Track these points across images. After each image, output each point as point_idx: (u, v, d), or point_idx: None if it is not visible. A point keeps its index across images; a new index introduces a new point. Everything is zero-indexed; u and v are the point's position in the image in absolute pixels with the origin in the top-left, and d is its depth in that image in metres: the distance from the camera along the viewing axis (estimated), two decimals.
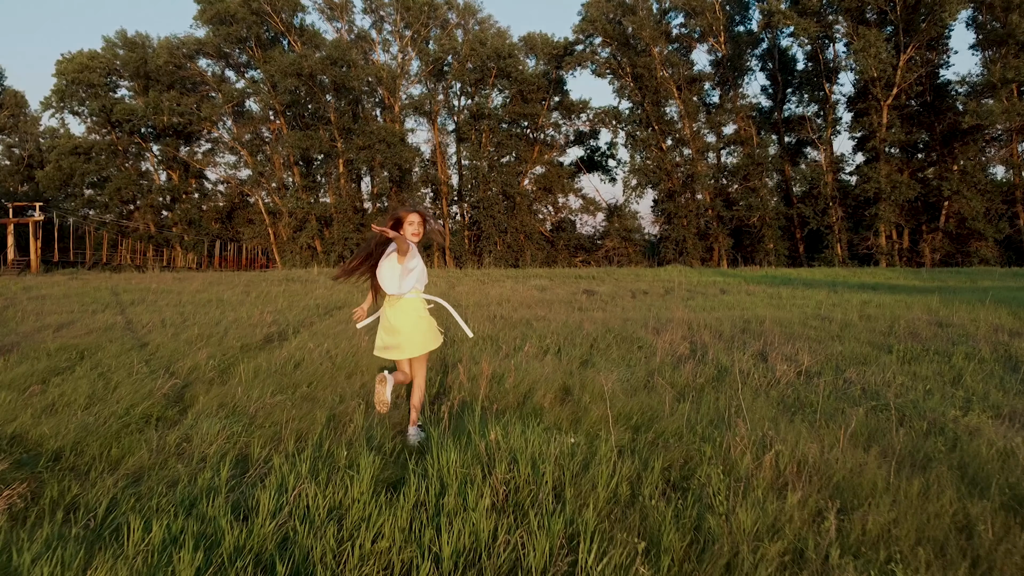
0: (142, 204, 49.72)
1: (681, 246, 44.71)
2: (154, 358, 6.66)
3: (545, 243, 49.26)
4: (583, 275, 21.95)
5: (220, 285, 17.37)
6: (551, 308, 11.92)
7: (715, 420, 4.40)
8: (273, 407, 4.72)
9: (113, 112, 46.79)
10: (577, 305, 12.49)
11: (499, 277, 21.51)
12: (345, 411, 4.72)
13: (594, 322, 9.45)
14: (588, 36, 45.55)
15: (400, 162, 44.20)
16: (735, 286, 17.18)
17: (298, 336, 8.39)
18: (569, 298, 14.27)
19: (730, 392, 5.13)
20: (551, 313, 10.85)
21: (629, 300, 13.86)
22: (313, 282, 19.49)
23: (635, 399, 4.92)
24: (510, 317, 10.03)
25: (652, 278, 21.06)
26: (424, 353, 4.33)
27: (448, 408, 4.59)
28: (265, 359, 6.53)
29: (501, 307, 12.04)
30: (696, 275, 22.16)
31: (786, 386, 5.40)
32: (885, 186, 39.73)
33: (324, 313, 11.46)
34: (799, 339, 7.77)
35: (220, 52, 47.07)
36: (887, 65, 38.26)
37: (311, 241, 46.48)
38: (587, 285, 18.44)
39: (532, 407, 4.82)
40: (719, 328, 8.67)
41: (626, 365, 6.40)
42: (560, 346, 7.44)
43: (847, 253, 42.52)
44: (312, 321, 10.15)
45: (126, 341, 7.83)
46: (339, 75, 43.24)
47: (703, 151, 46.57)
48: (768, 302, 12.40)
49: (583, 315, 10.54)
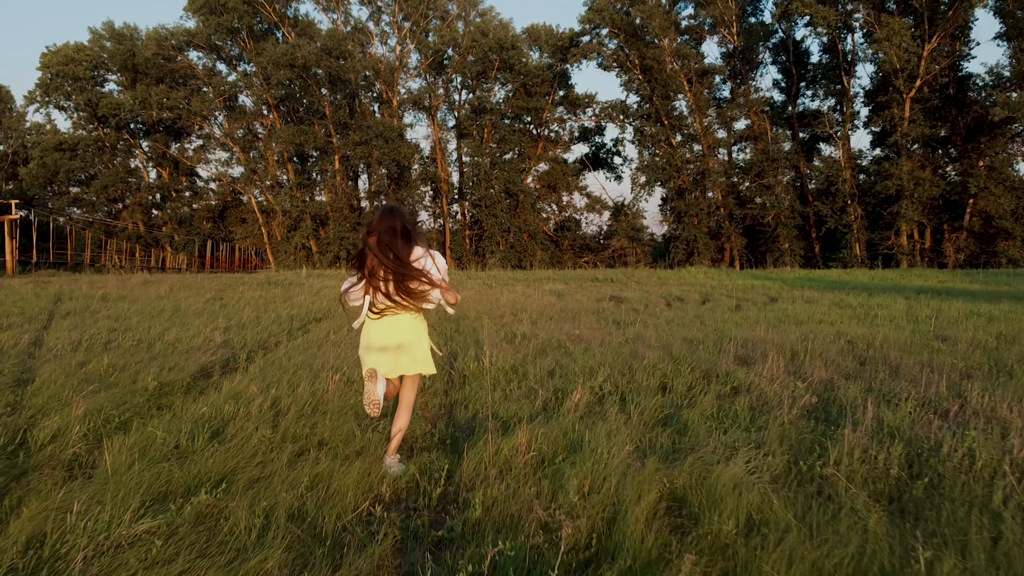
0: (130, 203, 47.28)
1: (692, 246, 42.34)
2: (10, 413, 4.30)
3: (549, 243, 46.91)
4: (600, 277, 19.59)
5: (188, 290, 14.99)
6: (579, 321, 9.56)
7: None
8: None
9: (99, 106, 44.34)
10: (610, 316, 10.13)
11: (507, 280, 19.13)
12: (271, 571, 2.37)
13: (647, 344, 7.10)
14: (595, 27, 43.17)
15: (398, 158, 41.82)
16: (781, 291, 14.82)
17: (249, 367, 6.03)
18: (595, 307, 11.91)
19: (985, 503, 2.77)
20: (583, 328, 8.49)
21: (666, 309, 11.51)
22: (298, 286, 17.11)
23: (817, 537, 2.56)
24: (535, 336, 7.67)
25: (677, 281, 18.70)
26: (420, 373, 3.76)
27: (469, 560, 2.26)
28: (171, 420, 4.16)
29: (519, 320, 9.68)
30: (724, 278, 19.80)
31: None
32: (908, 183, 37.39)
33: (298, 328, 9.10)
34: (950, 373, 5.42)
35: (211, 44, 44.64)
36: (912, 55, 35.91)
37: (306, 241, 44.09)
38: (609, 289, 16.07)
39: (627, 547, 2.46)
40: (824, 354, 6.31)
41: (740, 428, 4.05)
42: (621, 389, 5.08)
43: (865, 253, 40.18)
44: (277, 342, 7.79)
45: (4, 376, 5.48)
46: (334, 67, 40.84)
47: (714, 147, 44.21)
48: (845, 314, 10.05)
49: (624, 333, 8.19)
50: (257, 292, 14.64)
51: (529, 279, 19.40)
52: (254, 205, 45.81)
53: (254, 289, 15.67)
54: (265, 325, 9.06)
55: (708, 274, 20.31)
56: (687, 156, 43.75)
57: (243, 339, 7.70)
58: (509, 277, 20.35)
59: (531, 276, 21.07)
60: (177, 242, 47.01)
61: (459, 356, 6.60)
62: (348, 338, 8.15)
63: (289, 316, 10.10)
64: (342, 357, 6.46)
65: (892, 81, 37.92)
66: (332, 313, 10.88)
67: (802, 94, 44.97)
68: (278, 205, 43.94)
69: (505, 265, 42.06)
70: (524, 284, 17.49)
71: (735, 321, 9.22)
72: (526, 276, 20.84)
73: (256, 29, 45.08)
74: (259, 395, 4.72)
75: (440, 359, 6.61)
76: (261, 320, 9.55)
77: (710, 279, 19.27)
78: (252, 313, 10.31)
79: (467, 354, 6.54)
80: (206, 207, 49.69)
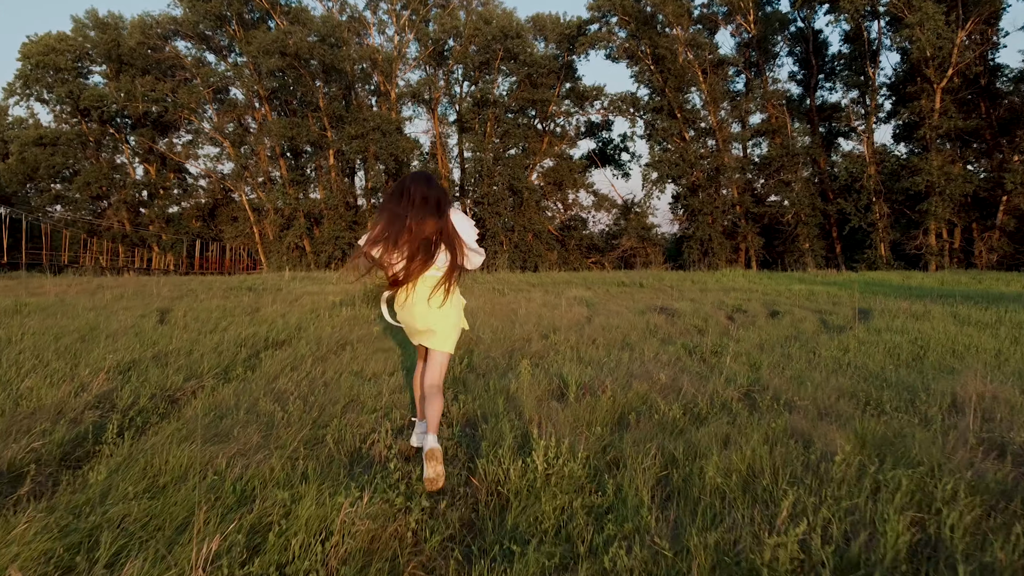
0: (115, 200, 44.37)
1: (707, 246, 39.55)
2: None
3: (555, 242, 44.09)
4: (627, 281, 16.74)
5: (136, 298, 12.18)
6: (640, 350, 6.76)
7: None
8: None
9: (81, 99, 41.46)
10: (676, 339, 7.31)
11: (520, 285, 16.31)
12: None
13: (787, 404, 4.30)
14: (604, 15, 40.36)
15: (397, 153, 38.97)
16: (857, 301, 12.01)
17: (86, 469, 3.23)
18: (643, 323, 9.11)
19: None
20: (658, 366, 5.68)
21: (737, 328, 8.73)
22: (274, 292, 14.28)
23: None
24: (597, 384, 4.85)
25: (718, 286, 15.87)
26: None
27: None
28: None
29: (555, 347, 6.86)
30: (768, 282, 16.97)
31: None
32: (938, 179, 34.62)
33: (244, 360, 6.29)
34: None
35: (199, 33, 41.79)
36: (946, 42, 33.14)
37: (299, 240, 41.26)
38: (645, 297, 13.26)
39: None
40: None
41: None
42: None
43: (891, 254, 37.42)
44: (196, 389, 4.97)
45: None
46: (328, 55, 37.98)
47: (728, 142, 41.43)
48: (999, 335, 7.24)
49: (722, 372, 5.39)
50: (219, 301, 11.81)
51: (545, 283, 16.56)
52: (245, 203, 42.95)
53: (218, 296, 12.84)
54: (197, 357, 6.24)
55: (748, 278, 17.52)
56: (701, 151, 40.97)
57: (142, 386, 4.88)
58: (522, 281, 17.50)
59: (546, 280, 18.23)
60: (164, 242, 44.17)
61: (483, 433, 3.81)
62: (310, 379, 5.38)
63: (239, 340, 7.28)
64: (282, 444, 3.66)
65: (922, 70, 35.15)
66: (302, 332, 8.08)
67: (820, 86, 42.22)
68: (270, 202, 41.11)
69: (512, 267, 39.25)
70: (542, 290, 14.67)
71: (867, 353, 6.42)
72: (540, 280, 17.99)
73: (248, 18, 42.27)
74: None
75: (454, 440, 3.85)
76: (196, 347, 6.73)
77: (752, 283, 16.45)
78: (190, 335, 7.48)
79: (496, 431, 3.73)
80: (195, 205, 46.85)
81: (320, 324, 8.94)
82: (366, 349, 6.88)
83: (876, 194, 37.07)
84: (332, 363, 6.10)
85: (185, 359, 6.08)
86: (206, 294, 13.56)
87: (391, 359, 6.23)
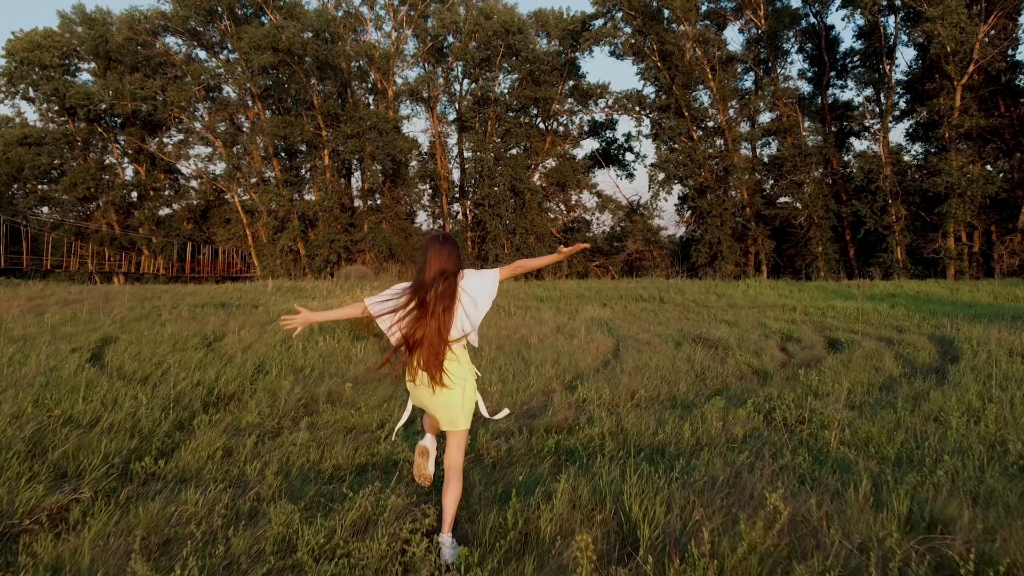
0: (104, 202, 42.52)
1: (715, 249, 37.78)
2: None
3: (558, 245, 42.26)
4: (644, 295, 14.93)
5: (90, 320, 10.41)
6: (704, 421, 4.99)
7: None
8: None
9: (67, 97, 39.60)
10: (749, 402, 5.54)
11: (526, 299, 14.53)
12: None
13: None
14: (608, 9, 38.54)
15: (394, 153, 37.16)
16: (918, 322, 10.26)
17: None
18: (685, 359, 7.35)
19: None
20: (743, 456, 3.93)
21: (788, 361, 6.98)
22: (249, 310, 12.50)
23: None
24: (671, 522, 3.08)
25: (747, 301, 14.10)
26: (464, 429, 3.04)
27: None
28: None
29: (591, 419, 5.07)
30: (801, 295, 15.18)
31: None
32: (958, 180, 32.86)
33: (167, 434, 4.55)
34: None
35: (189, 29, 39.96)
36: (969, 36, 31.37)
37: (293, 243, 39.47)
38: (670, 316, 11.49)
39: None
40: None
41: None
42: None
43: (907, 258, 35.67)
44: (25, 532, 3.16)
45: None
46: (322, 51, 36.16)
47: (738, 141, 39.67)
48: None
49: (842, 479, 3.64)
50: (179, 325, 10.03)
51: (555, 298, 14.78)
52: (237, 204, 41.13)
53: (182, 318, 11.07)
54: (99, 432, 4.47)
55: (777, 290, 15.74)
56: (709, 151, 39.19)
57: None
58: (528, 294, 15.69)
59: (554, 292, 16.42)
60: (155, 245, 42.36)
61: None
62: (238, 481, 3.65)
63: (173, 397, 5.52)
64: None
65: (942, 66, 33.39)
66: (260, 378, 6.31)
67: (832, 84, 40.42)
68: (263, 204, 39.30)
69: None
70: (552, 308, 12.90)
71: (1020, 423, 4.66)
72: (548, 292, 16.18)
73: (240, 14, 40.45)
74: None
75: None
76: (109, 413, 4.95)
77: (785, 297, 14.69)
78: (113, 388, 5.70)
79: None
80: (187, 207, 45.04)
81: (288, 363, 7.17)
82: (334, 415, 5.12)
83: (893, 196, 35.32)
84: (281, 446, 4.34)
85: (79, 439, 4.31)
86: (170, 313, 11.80)
87: (361, 443, 4.45)
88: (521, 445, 4.36)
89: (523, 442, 4.41)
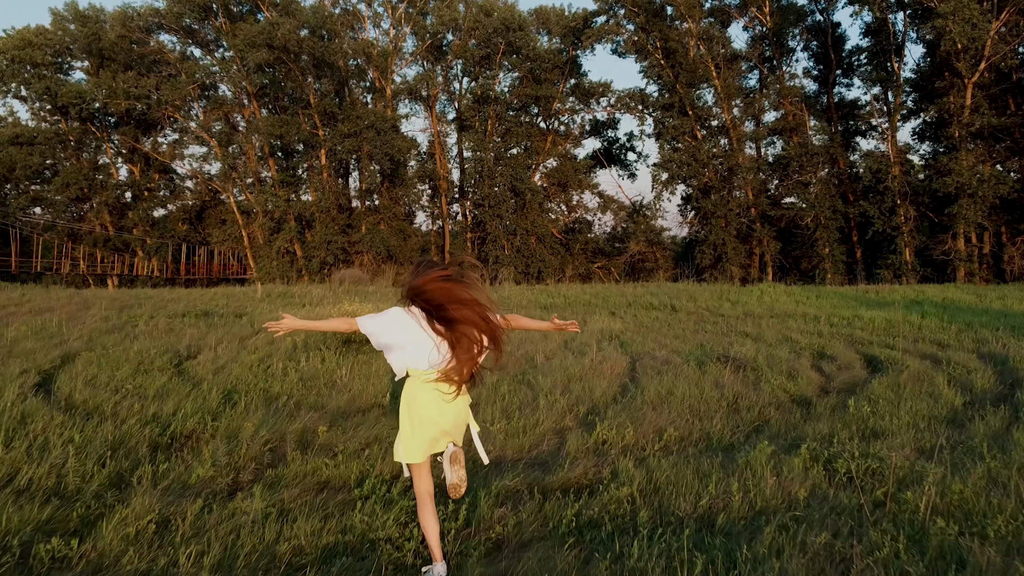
0: (97, 202, 41.58)
1: (720, 250, 36.88)
2: None
3: (559, 246, 41.40)
4: (655, 303, 14.01)
5: (55, 334, 9.51)
6: (750, 471, 4.09)
7: None
8: None
9: (59, 95, 38.67)
10: (803, 448, 4.63)
11: (530, 307, 13.63)
12: None
13: None
14: (611, 6, 37.61)
15: (392, 152, 36.23)
16: (966, 337, 9.38)
17: None
18: (719, 390, 6.46)
19: None
20: (820, 555, 3.04)
21: (827, 383, 6.11)
22: (232, 321, 11.60)
23: None
24: None
25: (764, 309, 13.19)
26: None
27: None
28: None
29: (616, 473, 4.17)
30: (822, 303, 14.27)
31: None
32: (969, 180, 31.98)
33: (94, 498, 3.64)
34: None
35: (183, 26, 39.05)
36: (981, 32, 30.48)
37: (289, 245, 38.57)
38: (685, 326, 10.59)
39: None
40: None
41: None
42: None
43: (916, 260, 34.78)
44: None
45: None
46: (318, 48, 35.24)
47: (742, 140, 38.78)
48: None
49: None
50: (150, 340, 9.12)
51: (560, 305, 13.87)
52: (233, 205, 40.21)
53: (155, 333, 10.15)
54: None
55: (794, 296, 14.82)
56: (713, 150, 38.29)
57: None
58: (531, 301, 14.75)
59: (558, 299, 15.49)
60: (149, 246, 41.43)
61: None
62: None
63: (115, 441, 4.62)
64: None
65: (952, 64, 32.49)
66: (225, 412, 5.42)
67: (838, 82, 39.49)
68: (258, 205, 38.40)
69: (515, 272, 36.63)
70: (558, 317, 12.00)
71: None
72: (552, 299, 15.25)
73: (235, 11, 39.53)
74: None
75: None
76: (30, 467, 4.05)
77: (803, 305, 13.78)
78: (46, 429, 4.80)
79: None
80: (182, 207, 44.12)
81: (262, 388, 6.28)
82: (303, 466, 4.23)
83: (901, 196, 34.43)
84: (231, 517, 3.45)
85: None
86: (146, 325, 10.89)
87: (333, 509, 3.55)
88: (532, 515, 3.46)
89: (534, 510, 3.51)
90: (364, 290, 17.70)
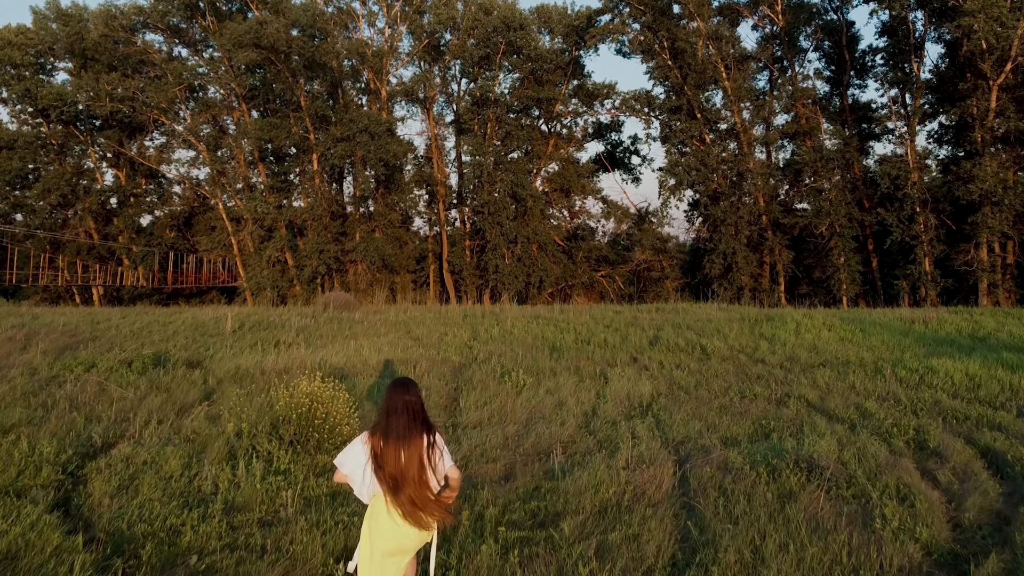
0: (81, 209, 39.53)
1: (730, 260, 34.90)
2: None
3: (561, 254, 39.40)
4: (682, 343, 12.02)
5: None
6: None
7: None
8: None
9: (39, 97, 36.60)
10: None
11: (533, 343, 11.67)
12: None
13: None
14: (616, 4, 35.56)
15: (387, 157, 34.19)
16: None
17: None
18: (811, 516, 4.49)
19: None
20: None
21: (956, 514, 4.14)
22: (186, 372, 9.59)
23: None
24: None
25: (805, 350, 11.19)
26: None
27: None
28: None
29: None
30: (864, 339, 12.29)
31: None
32: (994, 187, 30.04)
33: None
34: None
35: (169, 25, 37.00)
36: (1010, 31, 28.51)
37: (280, 253, 36.56)
38: (733, 391, 8.61)
39: None
40: None
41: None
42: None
43: (936, 271, 32.80)
44: None
45: None
46: (310, 48, 33.21)
47: (753, 144, 36.80)
48: None
49: None
50: (52, 425, 7.12)
51: (571, 345, 11.87)
52: (222, 211, 38.16)
53: (77, 399, 8.15)
54: None
55: (836, 331, 12.80)
56: (722, 155, 36.30)
57: None
58: (538, 338, 12.73)
59: (568, 329, 13.48)
60: (135, 254, 39.39)
61: None
62: None
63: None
64: None
65: (976, 65, 30.50)
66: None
67: (852, 84, 37.49)
68: (248, 211, 36.37)
69: (515, 282, 34.62)
70: (570, 367, 10.01)
71: None
72: (560, 334, 13.21)
73: (223, 9, 37.50)
74: None
75: None
76: None
77: (847, 344, 11.78)
78: None
79: None
80: (169, 214, 42.09)
81: (167, 537, 4.33)
82: None
83: (921, 203, 32.47)
84: None
85: None
86: (75, 383, 8.89)
87: None
88: None
89: None
90: (350, 317, 15.72)
